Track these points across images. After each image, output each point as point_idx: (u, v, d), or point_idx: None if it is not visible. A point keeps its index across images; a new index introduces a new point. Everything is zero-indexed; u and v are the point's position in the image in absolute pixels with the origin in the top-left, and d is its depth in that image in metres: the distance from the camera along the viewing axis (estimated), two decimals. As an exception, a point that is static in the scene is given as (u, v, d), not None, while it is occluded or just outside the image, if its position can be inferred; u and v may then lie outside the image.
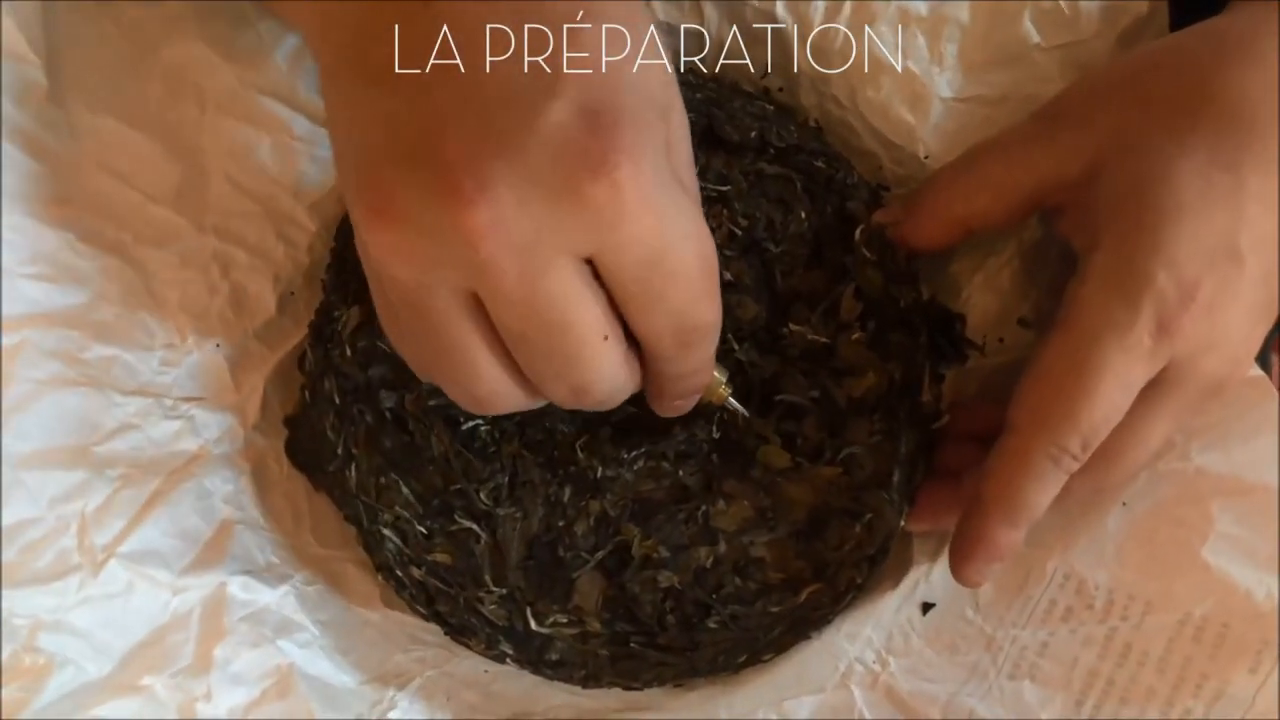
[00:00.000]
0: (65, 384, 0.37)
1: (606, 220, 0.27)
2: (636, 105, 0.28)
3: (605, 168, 0.26)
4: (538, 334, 0.28)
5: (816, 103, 0.42)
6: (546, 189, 0.26)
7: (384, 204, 0.27)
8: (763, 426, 0.40)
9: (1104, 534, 0.40)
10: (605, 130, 0.27)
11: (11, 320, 0.35)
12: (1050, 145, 0.37)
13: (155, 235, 0.38)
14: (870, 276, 0.40)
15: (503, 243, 0.27)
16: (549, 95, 0.27)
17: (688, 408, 0.36)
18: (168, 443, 0.39)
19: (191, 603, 0.38)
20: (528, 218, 0.27)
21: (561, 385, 0.30)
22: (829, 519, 0.40)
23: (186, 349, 0.39)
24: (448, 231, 0.27)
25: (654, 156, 0.28)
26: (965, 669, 0.40)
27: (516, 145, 0.26)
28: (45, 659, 0.35)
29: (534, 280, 0.27)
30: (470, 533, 0.39)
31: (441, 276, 0.28)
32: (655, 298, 0.29)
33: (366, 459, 0.40)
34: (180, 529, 0.39)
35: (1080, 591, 0.39)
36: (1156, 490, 0.39)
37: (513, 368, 0.30)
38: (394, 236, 0.27)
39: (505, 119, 0.27)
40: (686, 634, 0.40)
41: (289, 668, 0.39)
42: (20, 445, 0.36)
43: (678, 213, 0.28)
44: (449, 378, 0.31)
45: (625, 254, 0.28)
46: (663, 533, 0.40)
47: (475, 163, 0.26)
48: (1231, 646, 0.37)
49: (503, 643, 0.40)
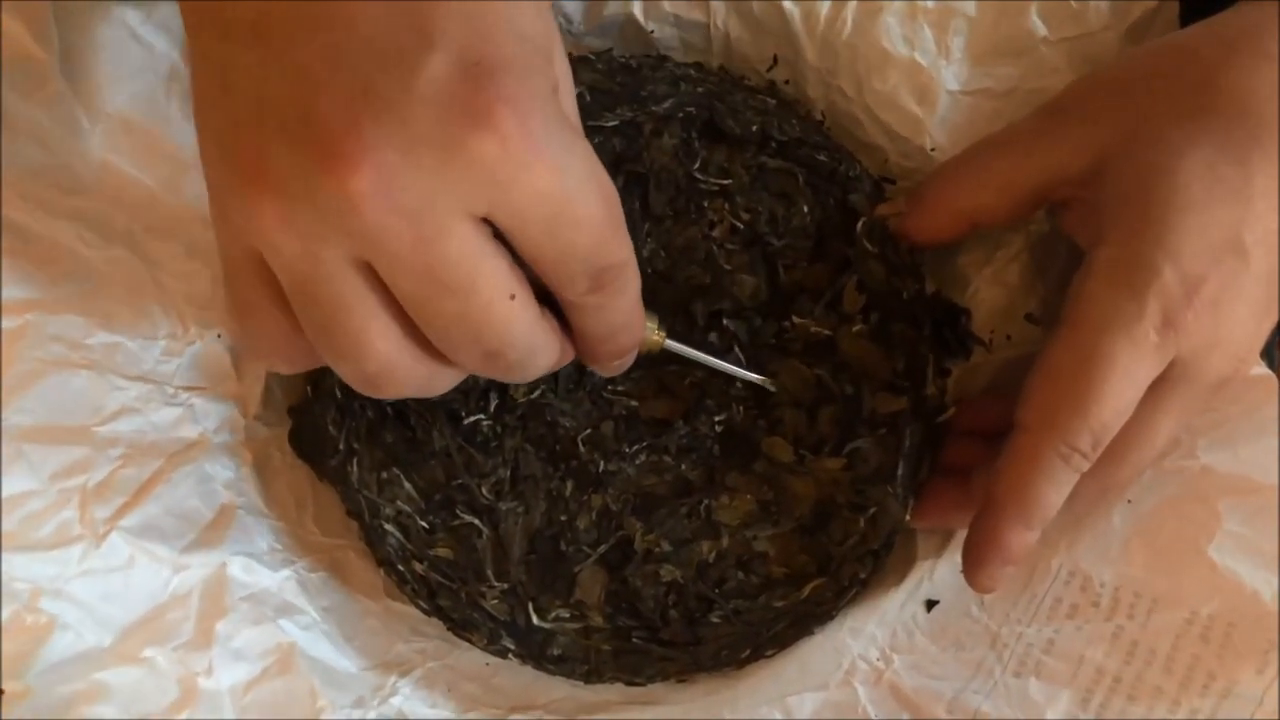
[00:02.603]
0: (68, 366, 0.36)
1: (500, 175, 0.26)
2: (517, 51, 0.26)
3: (492, 120, 0.25)
4: (441, 300, 0.27)
5: (823, 95, 0.42)
6: (433, 147, 0.25)
7: (257, 171, 0.26)
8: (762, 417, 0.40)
9: (1109, 531, 0.39)
10: (487, 80, 0.25)
11: (16, 304, 0.35)
12: (1056, 140, 0.36)
13: (163, 226, 0.38)
14: (872, 269, 0.40)
15: (392, 208, 0.25)
16: (425, 47, 0.25)
17: (628, 363, 0.34)
18: (168, 429, 0.39)
19: (192, 581, 0.38)
20: (416, 179, 0.25)
21: (473, 351, 0.29)
22: (833, 513, 0.40)
23: (189, 339, 0.39)
24: (331, 198, 0.25)
25: (541, 103, 0.26)
26: (970, 666, 0.40)
27: (396, 103, 0.25)
28: (46, 619, 0.35)
29: (430, 244, 0.26)
30: (472, 527, 0.39)
31: (329, 246, 0.26)
32: (564, 248, 0.28)
33: (368, 454, 0.39)
34: (181, 509, 0.39)
35: (1085, 589, 0.39)
36: (1162, 488, 0.39)
37: (412, 340, 0.29)
38: (272, 206, 0.26)
39: (381, 75, 0.25)
40: (689, 628, 0.40)
41: (290, 646, 0.39)
42: (22, 419, 0.35)
43: (572, 156, 0.27)
44: (340, 354, 0.29)
45: (525, 208, 0.26)
46: (665, 527, 0.40)
47: (353, 123, 0.25)
48: (1238, 646, 0.37)
49: (505, 638, 0.40)
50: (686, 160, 0.41)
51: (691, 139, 0.41)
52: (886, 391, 0.40)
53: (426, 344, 0.29)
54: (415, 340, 0.29)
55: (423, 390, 0.30)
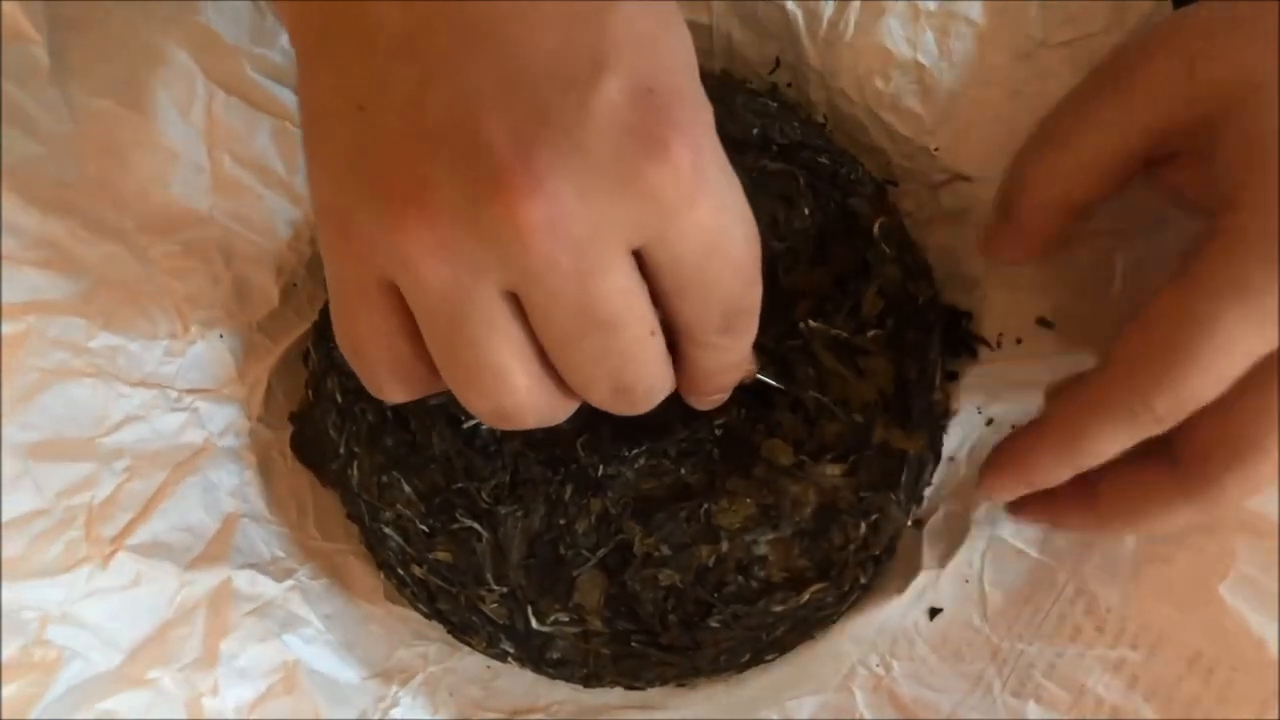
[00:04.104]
0: (71, 374, 0.36)
1: (668, 208, 0.24)
2: (686, 78, 0.25)
3: (668, 151, 0.24)
4: (588, 335, 0.26)
5: (825, 98, 0.42)
6: (607, 177, 0.24)
7: (412, 194, 0.24)
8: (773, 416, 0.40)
9: (1120, 553, 0.38)
10: (663, 109, 0.24)
11: (16, 307, 0.35)
12: (1153, 89, 0.32)
13: (157, 223, 0.38)
14: (890, 273, 0.40)
15: (560, 240, 0.24)
16: (600, 71, 0.24)
17: (724, 399, 0.34)
18: (173, 435, 0.39)
19: (197, 596, 0.38)
20: (586, 211, 0.24)
21: (606, 386, 0.28)
22: (834, 518, 0.40)
23: (190, 339, 0.39)
24: (497, 227, 0.24)
25: (710, 135, 0.25)
26: (970, 680, 0.39)
27: (572, 129, 0.23)
28: (55, 653, 0.35)
29: (589, 278, 0.25)
30: (472, 531, 0.40)
31: (484, 276, 0.25)
32: (711, 285, 0.27)
33: (368, 457, 0.40)
34: (186, 523, 0.39)
35: (1091, 610, 0.38)
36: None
37: (545, 374, 0.28)
38: (427, 231, 0.24)
39: (555, 97, 0.24)
40: (688, 633, 0.40)
41: (294, 664, 0.39)
42: (27, 435, 0.35)
43: (733, 193, 0.26)
44: (477, 387, 0.27)
45: (684, 242, 0.25)
46: (664, 531, 0.39)
47: (524, 148, 0.23)
48: (1238, 692, 0.36)
49: (504, 641, 0.40)
50: None
51: None
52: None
53: (558, 377, 0.28)
54: (549, 374, 0.28)
55: (546, 422, 0.29)
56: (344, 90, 0.25)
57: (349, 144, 0.25)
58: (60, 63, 0.35)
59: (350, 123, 0.25)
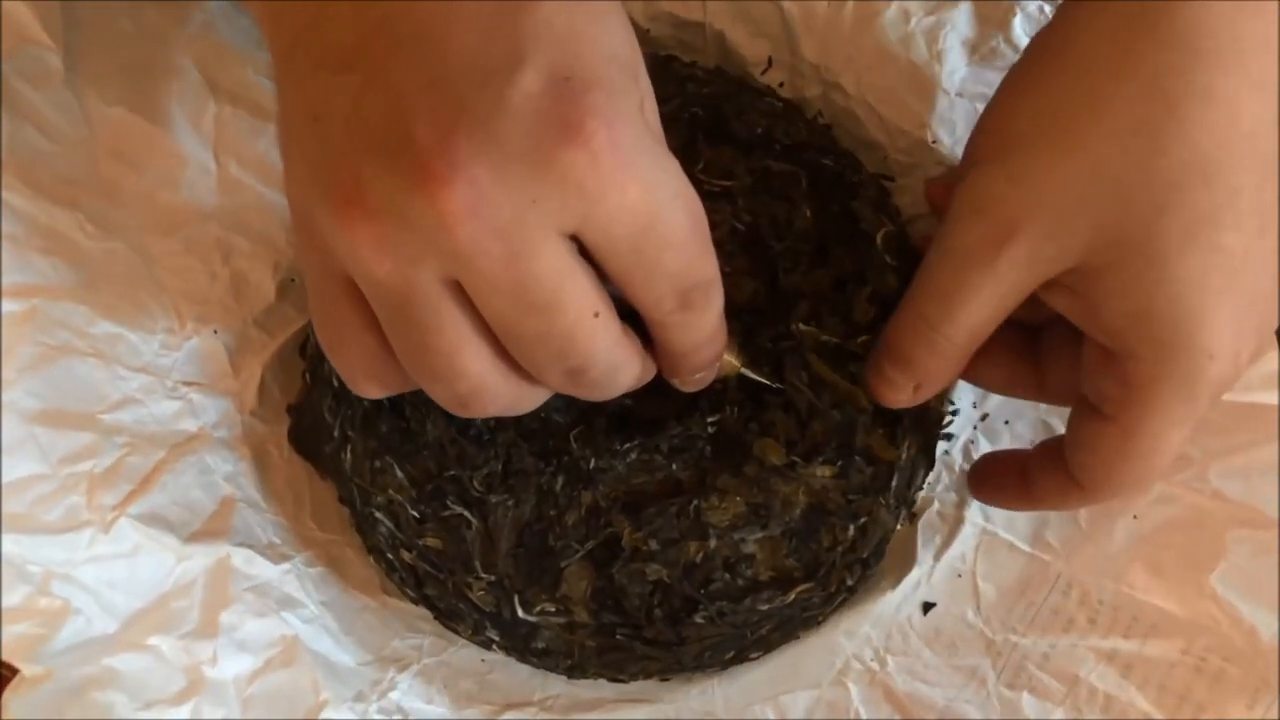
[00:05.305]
0: (74, 353, 0.38)
1: (590, 191, 0.25)
2: (606, 68, 0.26)
3: (582, 135, 0.25)
4: (528, 318, 0.27)
5: (821, 94, 0.42)
6: (524, 162, 0.25)
7: (351, 194, 0.26)
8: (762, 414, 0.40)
9: (1111, 545, 0.38)
10: (578, 95, 0.25)
11: (23, 288, 0.36)
12: (1014, 264, 0.32)
13: (161, 222, 0.39)
14: (888, 281, 0.40)
15: (484, 225, 0.25)
16: (517, 64, 0.25)
17: (709, 379, 0.34)
18: (169, 421, 0.40)
19: (196, 570, 0.39)
20: (507, 196, 0.25)
21: (557, 369, 0.29)
22: (823, 519, 0.39)
23: (186, 334, 0.40)
24: (425, 217, 0.25)
25: (630, 118, 0.26)
26: (964, 673, 0.39)
27: (488, 119, 0.25)
28: (60, 603, 0.36)
29: (520, 262, 0.26)
30: (462, 519, 0.40)
31: (422, 266, 0.26)
32: (652, 266, 0.28)
33: (362, 442, 0.40)
34: (185, 499, 0.39)
35: (1084, 602, 0.38)
36: (1169, 508, 0.38)
37: (502, 360, 0.29)
38: (366, 228, 0.26)
39: (473, 94, 0.25)
40: (673, 628, 0.39)
41: (293, 639, 0.40)
42: (31, 402, 0.36)
43: (662, 173, 0.27)
44: (433, 374, 0.29)
45: (615, 225, 0.26)
46: (653, 525, 0.39)
47: (445, 139, 0.25)
48: (1231, 681, 0.36)
49: (489, 629, 0.40)
50: (689, 161, 0.41)
51: (696, 140, 0.41)
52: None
53: (514, 363, 0.29)
54: (504, 360, 0.29)
55: (510, 409, 0.30)
56: (302, 103, 0.27)
57: (308, 151, 0.27)
58: (74, 68, 0.37)
59: (309, 132, 0.27)
